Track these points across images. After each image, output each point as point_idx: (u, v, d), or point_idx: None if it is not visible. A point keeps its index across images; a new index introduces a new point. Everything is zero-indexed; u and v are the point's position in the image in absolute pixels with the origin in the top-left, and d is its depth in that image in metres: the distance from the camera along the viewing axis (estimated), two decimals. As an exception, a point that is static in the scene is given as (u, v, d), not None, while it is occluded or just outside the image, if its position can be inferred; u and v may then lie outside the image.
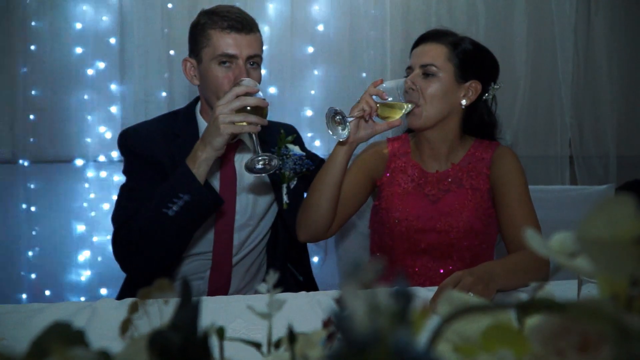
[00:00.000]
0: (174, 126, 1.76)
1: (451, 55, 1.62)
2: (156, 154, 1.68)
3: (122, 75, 2.81)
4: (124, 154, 1.76)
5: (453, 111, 1.66)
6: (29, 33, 2.73)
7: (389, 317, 0.23)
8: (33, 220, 2.78)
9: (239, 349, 0.45)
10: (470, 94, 1.65)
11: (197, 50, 1.68)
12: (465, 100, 1.65)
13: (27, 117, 2.75)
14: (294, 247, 1.90)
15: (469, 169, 1.69)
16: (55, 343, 0.26)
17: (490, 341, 0.30)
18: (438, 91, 1.60)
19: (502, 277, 1.37)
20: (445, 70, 1.60)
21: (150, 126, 1.79)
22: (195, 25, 1.70)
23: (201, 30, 1.66)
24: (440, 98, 1.61)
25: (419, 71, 1.62)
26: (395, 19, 2.99)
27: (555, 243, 0.32)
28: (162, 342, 0.28)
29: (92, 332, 1.14)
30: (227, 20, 1.64)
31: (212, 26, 1.64)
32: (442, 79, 1.60)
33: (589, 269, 0.29)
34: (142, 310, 0.35)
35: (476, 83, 1.65)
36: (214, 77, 1.65)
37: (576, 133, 3.24)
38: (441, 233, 1.64)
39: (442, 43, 1.63)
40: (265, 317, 0.43)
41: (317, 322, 0.49)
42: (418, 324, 0.26)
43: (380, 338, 0.23)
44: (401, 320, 0.24)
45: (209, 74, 1.66)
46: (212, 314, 1.22)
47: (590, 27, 3.24)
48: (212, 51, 1.64)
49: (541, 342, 0.29)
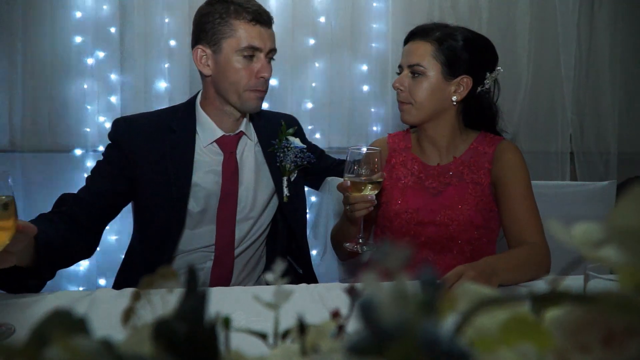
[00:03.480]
0: (171, 120, 1.73)
1: (437, 52, 1.61)
2: (141, 151, 1.67)
3: (122, 65, 2.79)
4: (109, 140, 1.73)
5: (446, 107, 1.66)
6: (28, 22, 2.71)
7: (416, 307, 0.22)
8: (32, 211, 2.77)
9: (242, 340, 0.44)
10: (461, 90, 1.65)
11: (215, 40, 1.63)
12: (456, 96, 1.65)
13: (26, 106, 2.73)
14: (293, 240, 1.89)
15: (470, 163, 1.68)
16: (57, 331, 0.25)
17: (510, 335, 0.29)
18: (426, 90, 1.62)
19: (504, 272, 1.37)
20: (432, 68, 1.61)
21: (145, 119, 1.76)
22: (208, 13, 1.64)
23: (222, 19, 1.62)
24: (429, 96, 1.62)
25: (407, 71, 1.64)
26: (397, 11, 2.97)
27: (578, 233, 0.31)
28: (167, 332, 0.27)
29: (92, 320, 1.13)
30: (252, 12, 1.62)
31: (236, 17, 1.61)
32: (429, 77, 1.61)
33: (615, 259, 0.28)
34: (144, 299, 0.34)
35: (467, 78, 1.64)
36: (235, 69, 1.63)
37: (577, 129, 3.23)
38: (441, 226, 1.64)
39: (428, 40, 1.63)
40: (272, 308, 0.42)
41: (319, 315, 0.48)
42: (444, 313, 0.25)
43: (407, 329, 0.22)
44: (429, 311, 0.23)
45: (230, 65, 1.63)
46: (213, 305, 1.21)
47: (593, 22, 3.22)
48: (237, 43, 1.61)
49: (564, 336, 0.28)
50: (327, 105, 2.94)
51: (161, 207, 1.67)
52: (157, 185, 1.67)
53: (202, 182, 1.70)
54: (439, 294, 0.24)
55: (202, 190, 1.70)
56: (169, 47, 2.79)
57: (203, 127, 1.73)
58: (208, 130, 1.72)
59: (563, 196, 2.26)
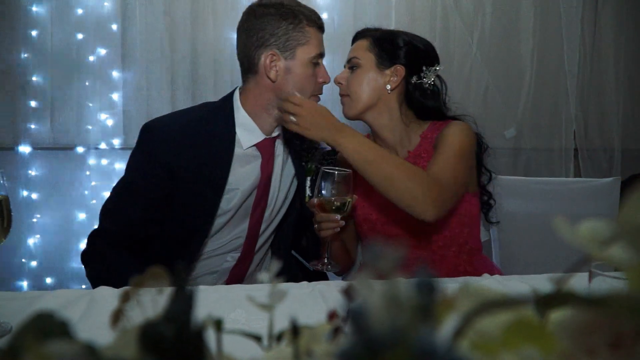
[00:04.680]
0: (209, 123, 1.62)
1: (372, 45, 1.68)
2: (181, 161, 1.56)
3: (124, 62, 2.79)
4: (139, 148, 1.61)
5: (382, 96, 1.67)
6: (29, 18, 2.71)
7: (410, 312, 0.21)
8: (34, 208, 2.77)
9: (238, 342, 0.43)
10: (395, 79, 1.66)
11: (289, 47, 1.58)
12: (390, 84, 1.66)
13: (27, 103, 2.73)
14: (301, 236, 1.88)
15: (422, 152, 1.67)
16: (34, 338, 0.24)
17: (512, 338, 0.28)
18: (361, 80, 1.66)
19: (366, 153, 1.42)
20: (365, 59, 1.67)
21: (182, 124, 1.61)
22: (278, 18, 1.57)
23: (295, 25, 1.58)
24: (364, 86, 1.66)
25: (347, 67, 1.72)
26: (400, 7, 2.95)
27: (584, 231, 0.30)
28: (153, 335, 0.26)
29: (90, 320, 1.12)
30: (318, 18, 1.62)
31: (309, 23, 1.59)
32: (363, 67, 1.66)
33: (623, 259, 0.27)
34: (134, 300, 0.33)
35: (400, 67, 1.66)
36: (307, 77, 1.61)
37: (581, 125, 3.21)
38: (403, 222, 1.65)
39: (366, 37, 1.71)
40: (266, 309, 0.40)
41: (319, 313, 0.47)
42: (441, 318, 0.24)
43: (401, 337, 0.20)
44: (424, 317, 0.21)
45: (303, 72, 1.60)
46: (212, 303, 1.20)
47: (597, 18, 3.20)
48: (311, 50, 1.60)
49: (570, 339, 0.27)
50: (330, 102, 2.92)
51: (191, 210, 1.61)
52: (192, 193, 1.59)
53: (237, 184, 1.64)
54: (435, 298, 0.22)
55: (236, 192, 1.64)
56: (171, 44, 2.78)
57: (244, 129, 1.64)
58: (249, 132, 1.64)
59: (567, 193, 2.25)
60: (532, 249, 2.19)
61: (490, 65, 3.04)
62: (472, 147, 1.62)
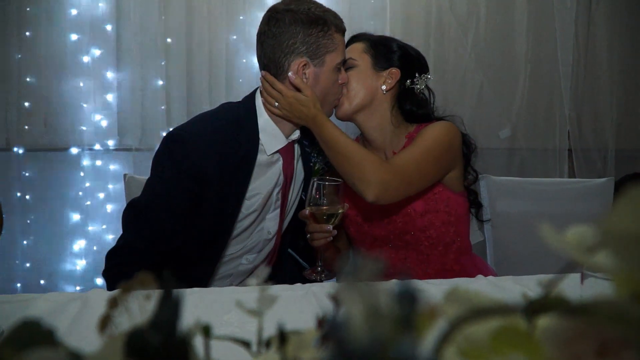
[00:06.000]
0: (234, 130, 1.58)
1: (368, 48, 1.71)
2: (213, 171, 1.52)
3: (118, 63, 2.78)
4: (170, 159, 1.53)
5: (376, 98, 1.69)
6: (24, 19, 2.70)
7: (390, 323, 0.21)
8: (27, 209, 2.76)
9: (229, 346, 0.43)
10: (390, 80, 1.69)
11: (319, 54, 1.56)
12: (385, 85, 1.68)
13: (21, 104, 2.72)
14: (299, 235, 1.88)
15: None
16: (17, 348, 0.24)
17: (500, 344, 0.28)
18: (357, 80, 1.68)
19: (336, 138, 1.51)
20: (362, 60, 1.69)
21: (211, 133, 1.56)
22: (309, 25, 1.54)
23: (324, 32, 1.55)
24: (359, 85, 1.67)
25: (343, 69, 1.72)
26: (395, 7, 2.96)
27: (571, 238, 0.30)
28: (139, 343, 0.26)
29: (82, 324, 1.11)
30: (340, 22, 1.60)
31: (336, 30, 1.57)
32: (360, 67, 1.69)
33: (609, 266, 0.27)
34: (122, 306, 0.33)
35: (395, 70, 1.69)
36: (334, 82, 1.61)
37: (575, 126, 3.22)
38: (390, 224, 1.66)
39: (362, 40, 1.73)
40: (255, 315, 0.40)
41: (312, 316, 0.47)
42: (423, 329, 0.24)
43: (380, 349, 0.20)
44: (405, 327, 0.21)
45: (329, 78, 1.59)
46: (206, 306, 1.20)
47: (591, 19, 3.21)
48: (338, 56, 1.59)
49: (557, 346, 0.27)
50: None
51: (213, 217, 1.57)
52: (216, 200, 1.56)
53: (258, 189, 1.62)
54: (417, 308, 0.22)
55: (258, 197, 1.62)
56: (166, 45, 2.78)
57: (267, 135, 1.61)
58: (272, 138, 1.62)
59: (561, 193, 2.25)
60: (526, 249, 2.19)
61: (484, 65, 3.04)
62: (449, 144, 1.63)
